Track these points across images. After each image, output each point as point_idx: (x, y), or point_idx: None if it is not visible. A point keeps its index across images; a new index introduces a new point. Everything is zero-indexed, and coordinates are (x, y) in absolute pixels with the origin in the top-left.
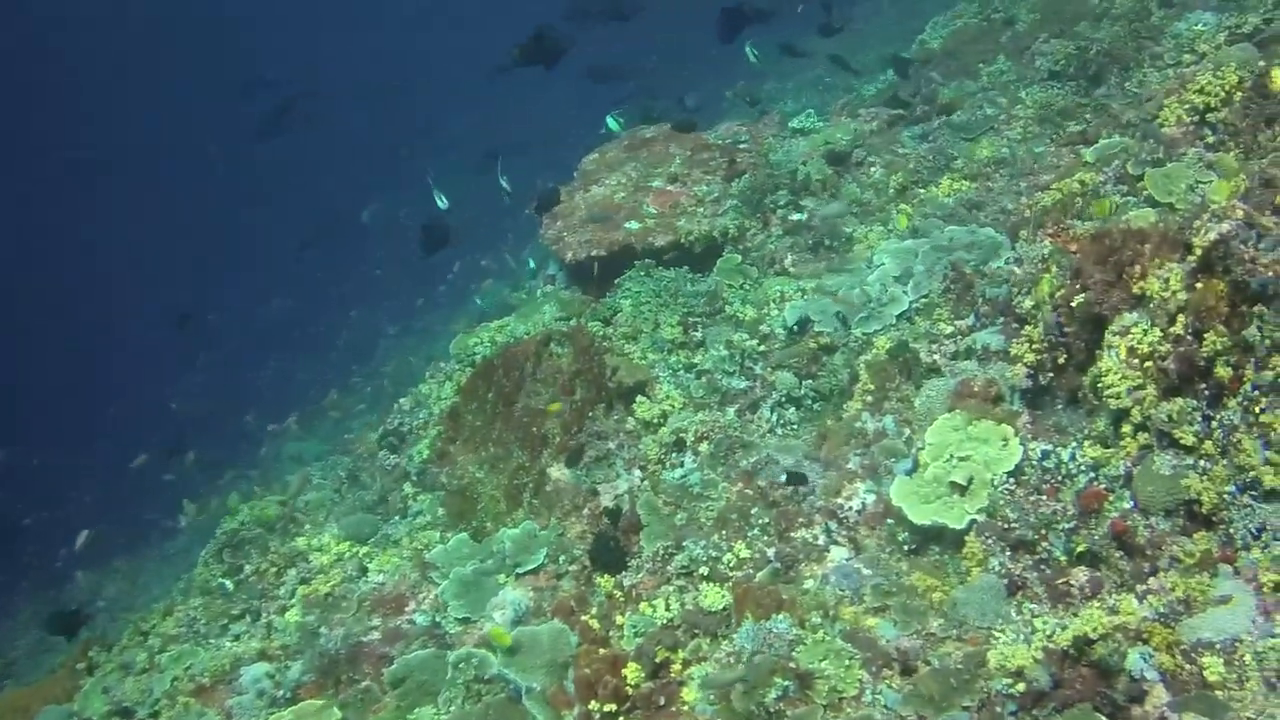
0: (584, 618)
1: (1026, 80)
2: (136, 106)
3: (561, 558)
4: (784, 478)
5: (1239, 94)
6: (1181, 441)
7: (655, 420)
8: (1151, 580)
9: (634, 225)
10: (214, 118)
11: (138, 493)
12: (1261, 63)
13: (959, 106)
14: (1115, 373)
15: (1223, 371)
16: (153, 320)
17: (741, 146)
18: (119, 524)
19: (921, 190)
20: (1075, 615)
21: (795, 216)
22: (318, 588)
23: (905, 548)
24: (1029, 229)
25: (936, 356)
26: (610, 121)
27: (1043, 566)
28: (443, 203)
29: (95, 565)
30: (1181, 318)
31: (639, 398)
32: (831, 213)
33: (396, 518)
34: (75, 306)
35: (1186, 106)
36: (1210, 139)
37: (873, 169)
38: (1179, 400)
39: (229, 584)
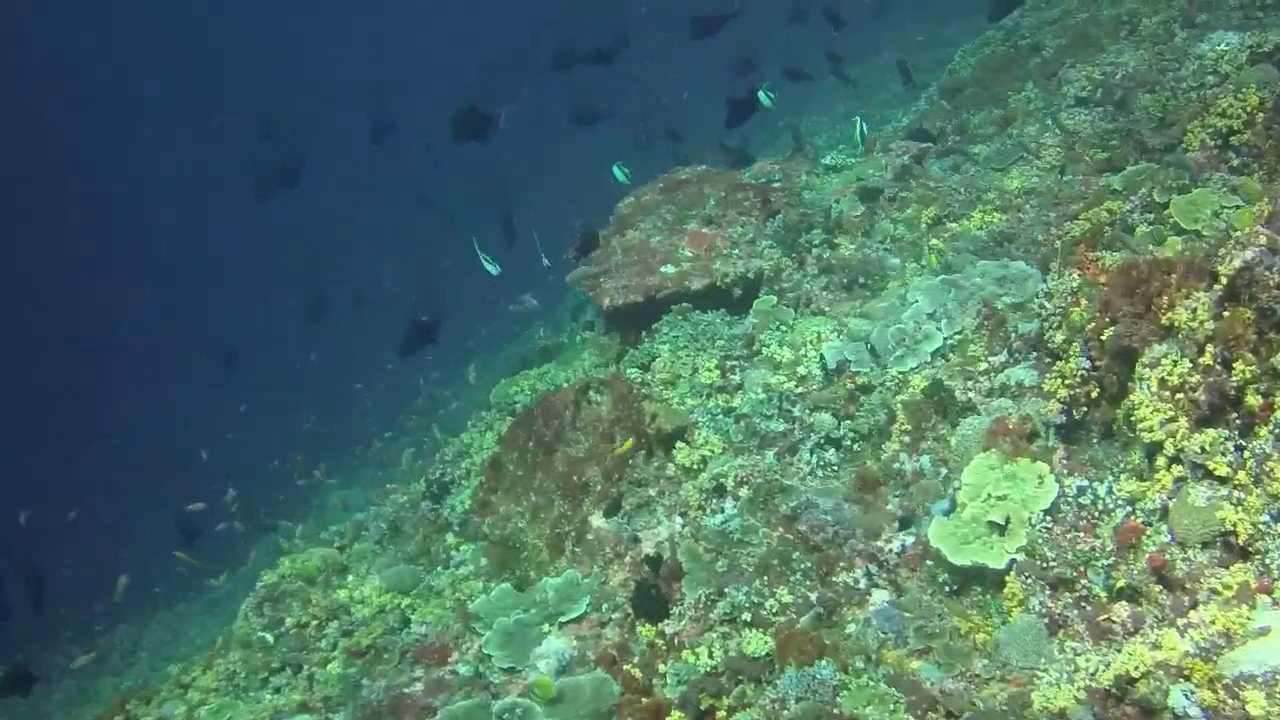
0: (626, 666)
1: (1054, 108)
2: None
3: (604, 606)
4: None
5: (1260, 115)
6: (1215, 472)
7: (695, 466)
8: (1192, 614)
9: (670, 269)
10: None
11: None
12: None
13: (988, 137)
14: (1147, 405)
15: (1253, 400)
16: (196, 364)
17: (775, 185)
18: (161, 573)
19: (953, 224)
20: (1118, 652)
21: (829, 255)
22: (359, 639)
23: (946, 589)
24: (1058, 261)
25: (971, 394)
26: (616, 172)
27: (1083, 604)
28: (494, 269)
29: (135, 614)
30: (1210, 347)
31: (678, 443)
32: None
33: (439, 568)
34: (122, 348)
35: (1209, 130)
36: (1235, 162)
37: (906, 206)
38: (1211, 431)
39: (269, 637)
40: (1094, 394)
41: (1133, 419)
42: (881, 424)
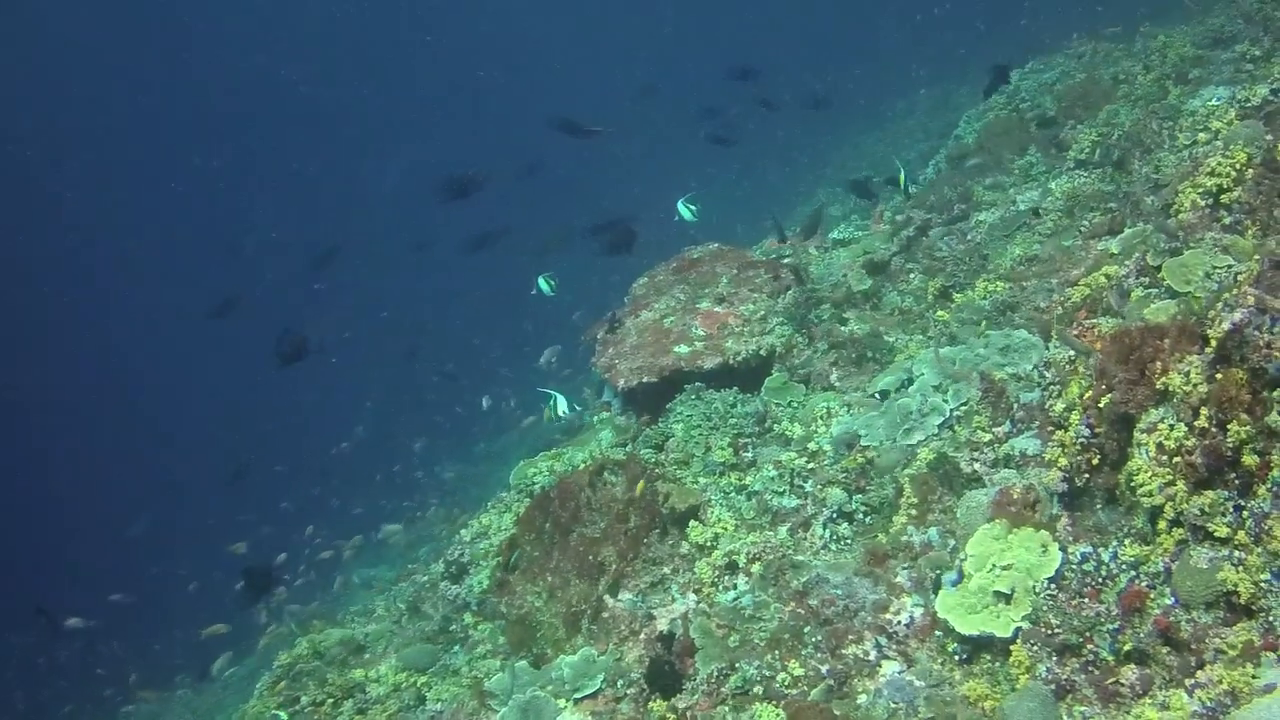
0: None
1: (1055, 171)
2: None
3: (619, 682)
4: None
5: (1250, 171)
6: (1215, 534)
7: (708, 544)
8: (1199, 674)
9: (683, 349)
10: None
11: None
12: (1269, 136)
13: (993, 204)
14: (1146, 471)
15: (1250, 460)
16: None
17: (785, 261)
18: (181, 648)
19: (958, 295)
20: (1126, 714)
21: (841, 329)
22: (374, 717)
23: (956, 658)
24: (1058, 329)
25: (976, 465)
26: (682, 209)
27: (1091, 669)
28: (549, 288)
29: (157, 688)
30: (1205, 410)
31: (692, 522)
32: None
33: (457, 647)
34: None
35: (1200, 190)
36: (1227, 220)
37: (911, 276)
38: (1210, 493)
39: (283, 715)
40: (1095, 461)
41: (1133, 484)
42: (890, 497)
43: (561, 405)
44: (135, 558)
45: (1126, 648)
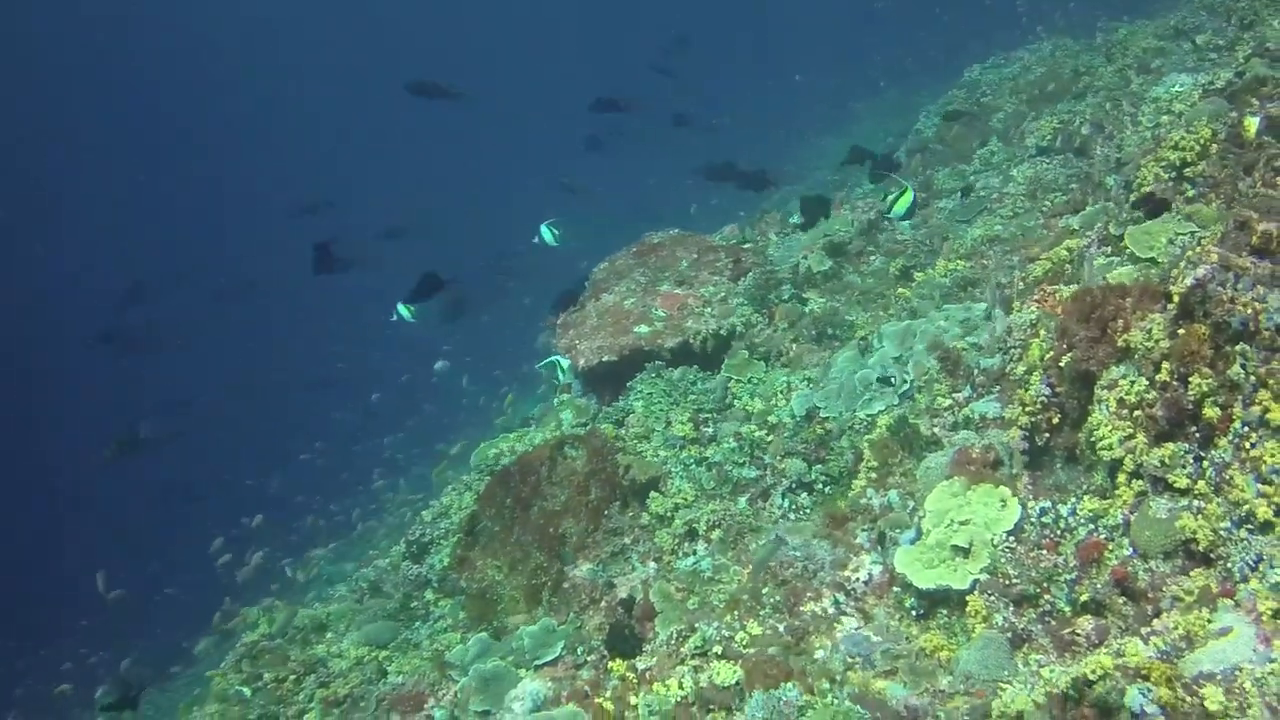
0: (598, 700)
1: (1017, 159)
2: None
3: (579, 649)
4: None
5: (1214, 146)
6: (1175, 485)
7: (668, 514)
8: (1155, 622)
9: (644, 329)
10: None
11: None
12: (1234, 113)
13: (953, 191)
14: (1106, 425)
15: (1211, 412)
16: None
17: (746, 246)
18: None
19: (919, 274)
20: (1081, 662)
21: (802, 310)
22: (336, 690)
23: (913, 613)
24: (1020, 300)
25: (936, 429)
26: (545, 232)
27: (1047, 619)
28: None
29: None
30: (1166, 365)
31: (652, 493)
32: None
33: (418, 623)
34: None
35: (1163, 164)
36: (1190, 193)
37: (872, 258)
38: (1170, 445)
39: (246, 691)
40: (1055, 420)
41: (1093, 439)
42: (850, 465)
43: (565, 365)
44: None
45: (1084, 598)
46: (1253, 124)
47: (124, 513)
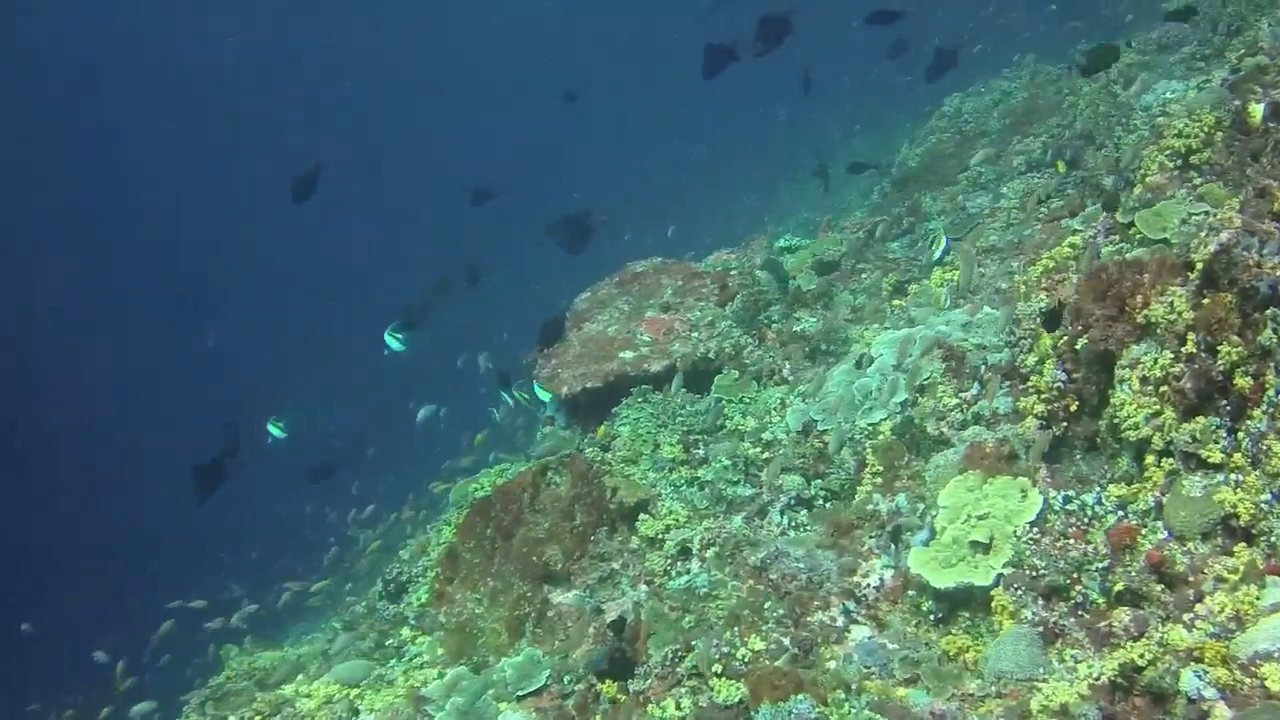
0: None
1: (1007, 178)
2: None
3: (566, 678)
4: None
5: (1219, 134)
6: (1209, 460)
7: (659, 535)
8: (1198, 607)
9: (629, 355)
10: None
11: None
12: (1237, 102)
13: (942, 211)
14: (1131, 404)
15: (1243, 382)
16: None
17: (732, 272)
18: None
19: (914, 286)
20: (1122, 656)
21: (794, 328)
22: None
23: (931, 617)
24: (1025, 297)
25: (944, 428)
26: (390, 340)
27: (1080, 611)
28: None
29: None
30: (1192, 336)
31: (642, 515)
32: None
33: (393, 661)
34: None
35: (1168, 152)
36: (1196, 181)
37: (864, 275)
38: (1200, 419)
39: None
40: (1073, 407)
41: (1117, 421)
42: (853, 476)
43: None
44: None
45: (1118, 587)
46: (1258, 110)
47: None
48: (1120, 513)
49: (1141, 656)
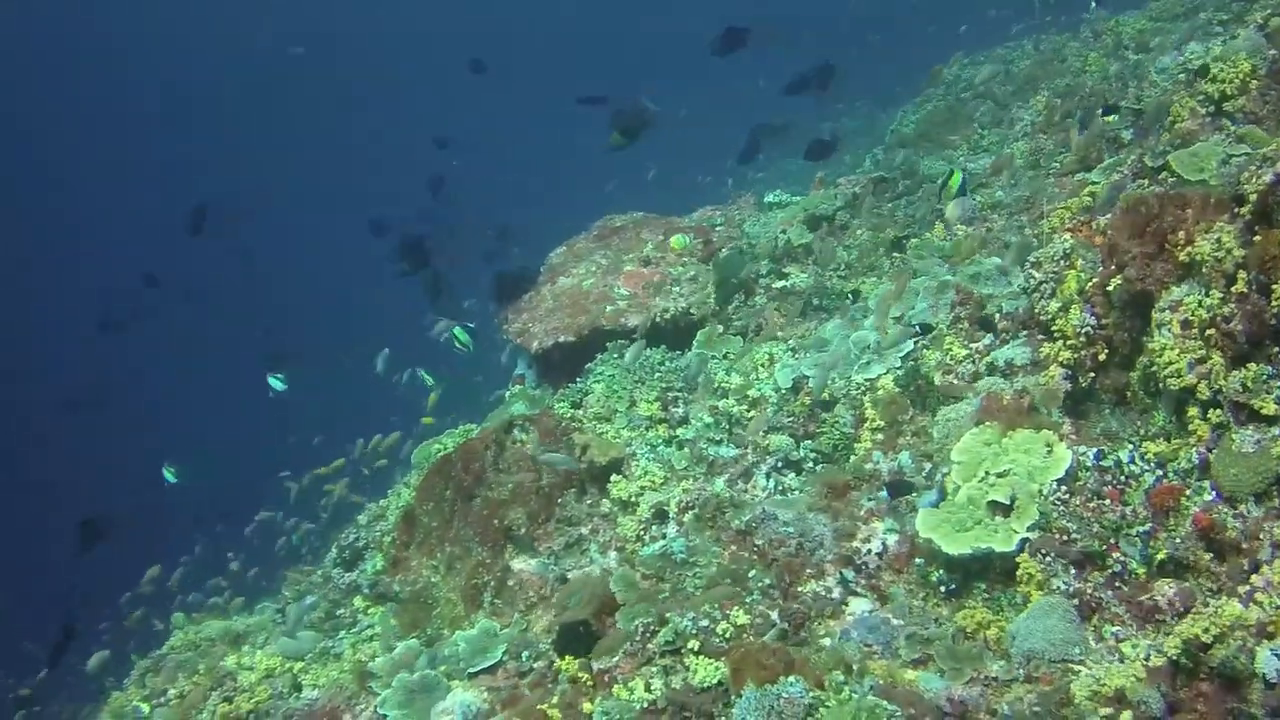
0: (542, 707)
1: (1011, 139)
2: None
3: (524, 654)
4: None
5: (1254, 82)
6: (1262, 411)
7: (633, 499)
8: (1255, 578)
9: (605, 308)
10: None
11: None
12: (1272, 51)
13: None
14: (1172, 349)
15: None
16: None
17: (717, 227)
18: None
19: (914, 240)
20: (1168, 634)
21: (780, 284)
22: (239, 705)
23: (942, 589)
24: (1047, 240)
25: (953, 380)
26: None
27: (1118, 583)
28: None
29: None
30: (1243, 275)
31: (614, 476)
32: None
33: (343, 633)
34: None
35: (1200, 98)
36: (1230, 128)
37: (858, 232)
38: (1253, 366)
39: (145, 707)
40: (1102, 356)
41: (1156, 368)
42: (850, 433)
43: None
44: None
45: (1160, 555)
46: None
47: None
48: (1159, 471)
49: (1206, 632)
